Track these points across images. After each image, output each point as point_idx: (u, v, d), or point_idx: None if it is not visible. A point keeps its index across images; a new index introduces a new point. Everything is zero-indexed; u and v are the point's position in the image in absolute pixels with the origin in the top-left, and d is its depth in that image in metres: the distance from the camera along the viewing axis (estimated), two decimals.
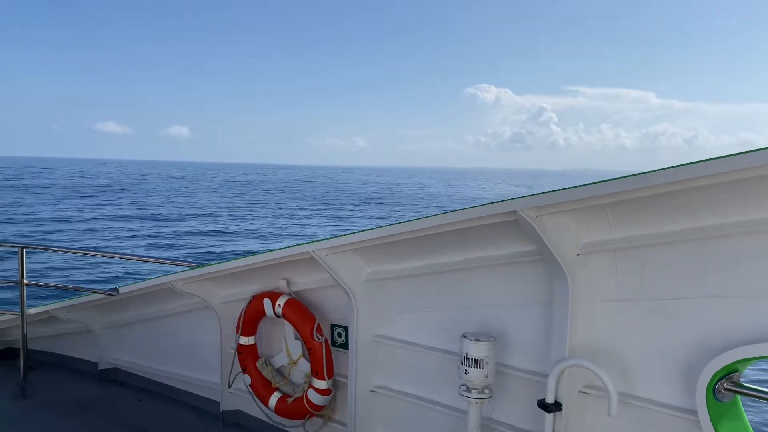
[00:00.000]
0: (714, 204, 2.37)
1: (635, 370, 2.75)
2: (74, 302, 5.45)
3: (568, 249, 2.78)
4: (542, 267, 2.97)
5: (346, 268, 3.70)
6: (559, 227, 2.74)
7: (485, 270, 3.24)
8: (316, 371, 3.88)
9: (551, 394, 2.82)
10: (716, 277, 2.46)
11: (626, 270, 2.74)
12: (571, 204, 2.63)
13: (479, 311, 3.32)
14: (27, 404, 5.05)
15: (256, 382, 4.26)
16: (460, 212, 3.01)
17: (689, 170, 2.20)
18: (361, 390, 3.80)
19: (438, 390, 3.53)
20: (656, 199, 2.43)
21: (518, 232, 2.89)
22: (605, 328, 2.83)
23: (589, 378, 2.86)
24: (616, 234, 2.72)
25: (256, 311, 4.09)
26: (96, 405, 5.04)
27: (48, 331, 5.95)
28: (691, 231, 2.48)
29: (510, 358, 3.20)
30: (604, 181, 2.45)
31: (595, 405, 2.84)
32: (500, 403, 3.24)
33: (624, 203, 2.54)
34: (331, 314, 4.03)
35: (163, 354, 5.26)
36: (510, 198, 2.77)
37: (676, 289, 2.59)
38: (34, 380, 5.47)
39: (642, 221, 2.61)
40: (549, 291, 2.94)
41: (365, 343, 3.78)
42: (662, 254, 2.61)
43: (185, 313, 4.94)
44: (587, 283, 2.81)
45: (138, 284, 4.97)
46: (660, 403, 2.66)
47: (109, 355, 5.63)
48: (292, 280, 4.10)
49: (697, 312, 2.53)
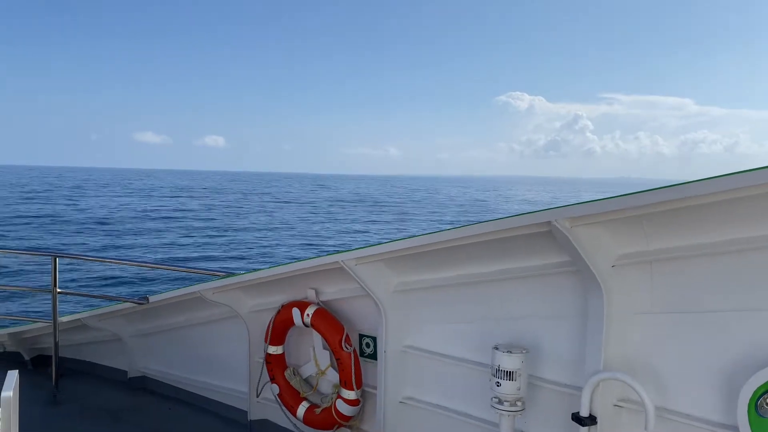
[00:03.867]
0: (752, 215, 2.33)
1: (672, 384, 2.70)
2: (105, 311, 5.54)
3: (602, 260, 2.75)
4: (576, 278, 2.94)
5: (375, 278, 3.70)
6: (594, 238, 2.72)
7: (518, 281, 3.21)
8: (344, 381, 3.88)
9: (585, 407, 2.77)
10: (755, 289, 2.41)
11: (662, 282, 2.70)
12: (606, 215, 2.60)
13: (511, 323, 3.29)
14: (58, 411, 5.13)
15: (284, 392, 4.27)
16: (492, 222, 2.99)
17: (725, 182, 2.16)
18: (390, 401, 3.78)
19: (468, 402, 3.50)
20: (693, 210, 2.40)
21: (552, 243, 2.87)
22: (641, 341, 2.79)
23: (625, 391, 2.81)
24: (652, 245, 2.68)
25: (284, 321, 4.12)
26: (125, 413, 5.10)
27: (79, 339, 6.05)
28: (729, 243, 2.44)
29: (543, 371, 3.16)
30: (640, 192, 2.42)
31: (631, 419, 2.79)
32: (532, 416, 3.19)
33: (660, 214, 2.50)
34: (360, 324, 4.03)
35: (191, 363, 5.31)
36: (544, 209, 2.76)
37: (714, 301, 2.54)
38: (66, 387, 5.56)
39: (678, 232, 2.57)
40: (583, 303, 2.91)
41: (394, 354, 3.77)
42: (699, 266, 2.56)
43: (214, 322, 4.99)
44: (622, 295, 2.77)
45: (168, 293, 5.04)
46: (699, 418, 2.60)
47: (138, 363, 5.71)
48: (321, 289, 4.12)
49: (737, 325, 2.48)
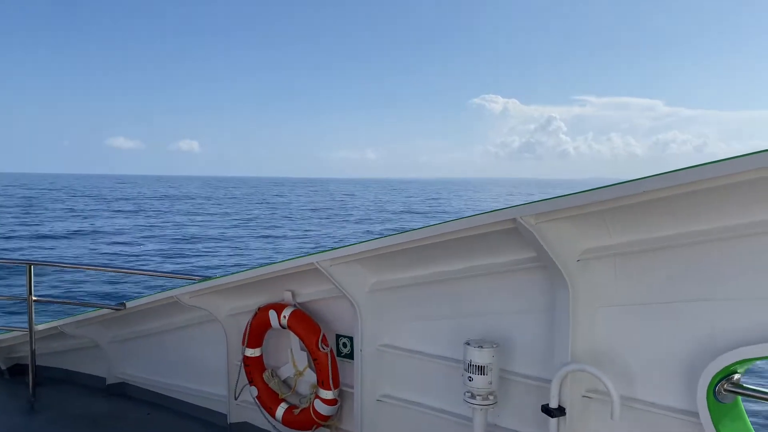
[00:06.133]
0: (710, 207, 2.41)
1: (637, 373, 2.78)
2: (82, 317, 5.49)
3: (568, 255, 2.82)
4: (543, 273, 3.01)
5: (350, 278, 3.74)
6: (559, 234, 2.79)
7: (487, 278, 3.28)
8: (322, 381, 3.91)
9: (555, 399, 2.85)
10: (714, 279, 2.50)
11: (626, 275, 2.78)
12: (569, 211, 2.67)
13: (482, 318, 3.35)
14: (36, 420, 5.08)
15: (262, 394, 4.28)
16: (460, 221, 3.06)
17: (681, 176, 2.24)
18: (368, 399, 3.83)
19: (443, 398, 3.56)
20: (653, 204, 2.48)
21: (519, 239, 2.93)
22: (607, 333, 2.86)
23: (592, 382, 2.89)
24: (615, 239, 2.76)
25: (261, 323, 4.13)
26: (104, 419, 5.07)
27: (56, 347, 5.99)
28: (689, 235, 2.52)
29: (513, 365, 3.23)
30: (600, 187, 2.49)
31: (599, 409, 2.87)
32: (505, 409, 3.26)
33: (622, 209, 2.58)
34: (336, 324, 4.06)
35: (170, 367, 5.29)
36: (509, 206, 2.82)
37: (675, 292, 2.62)
38: (43, 396, 5.51)
39: (640, 226, 2.65)
40: (550, 297, 2.98)
41: (370, 353, 3.81)
42: (660, 258, 2.65)
43: (192, 326, 4.98)
44: (588, 288, 2.85)
45: (145, 299, 5.02)
46: (662, 405, 2.69)
47: (116, 369, 5.67)
48: (297, 291, 4.14)
49: (697, 314, 2.56)
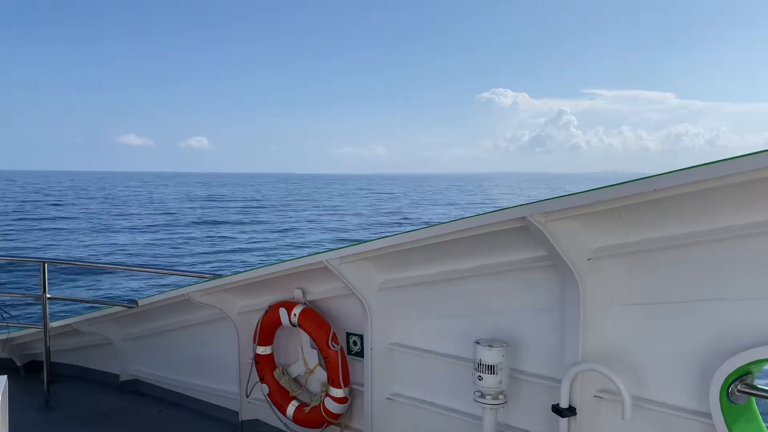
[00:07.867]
0: (725, 206, 2.37)
1: (649, 373, 2.75)
2: (95, 315, 5.55)
3: (578, 254, 2.79)
4: (553, 272, 2.98)
5: (359, 276, 3.74)
6: (569, 232, 2.76)
7: (497, 276, 3.26)
8: (332, 380, 3.91)
9: (565, 398, 2.83)
10: (728, 278, 2.46)
11: (638, 273, 2.75)
12: (578, 209, 2.65)
13: (492, 317, 3.34)
14: (51, 416, 5.14)
15: (273, 392, 4.30)
16: (470, 219, 3.04)
17: (694, 173, 2.21)
18: (378, 398, 3.83)
19: (453, 397, 3.55)
20: (668, 201, 2.44)
21: (529, 238, 2.92)
22: (618, 332, 2.84)
23: (603, 382, 2.86)
24: (626, 238, 2.72)
25: (272, 321, 4.15)
26: (117, 416, 5.12)
27: (70, 344, 6.06)
28: (701, 233, 2.48)
29: (524, 364, 3.21)
30: (611, 186, 2.46)
31: (610, 409, 2.84)
32: (515, 409, 3.24)
33: (634, 207, 2.55)
34: (346, 323, 4.07)
35: (182, 365, 5.33)
36: (519, 204, 2.80)
37: (689, 291, 2.59)
38: (58, 392, 5.57)
39: (652, 225, 2.62)
40: (560, 296, 2.96)
41: (380, 351, 3.82)
42: (674, 257, 2.61)
43: (203, 324, 5.01)
44: (599, 287, 2.82)
45: (157, 296, 5.06)
46: (674, 406, 2.66)
47: (129, 366, 5.72)
48: (307, 289, 4.15)
49: (710, 314, 2.53)
